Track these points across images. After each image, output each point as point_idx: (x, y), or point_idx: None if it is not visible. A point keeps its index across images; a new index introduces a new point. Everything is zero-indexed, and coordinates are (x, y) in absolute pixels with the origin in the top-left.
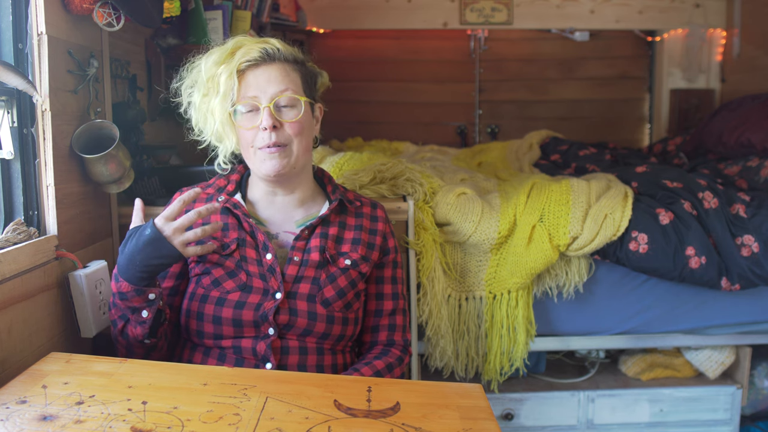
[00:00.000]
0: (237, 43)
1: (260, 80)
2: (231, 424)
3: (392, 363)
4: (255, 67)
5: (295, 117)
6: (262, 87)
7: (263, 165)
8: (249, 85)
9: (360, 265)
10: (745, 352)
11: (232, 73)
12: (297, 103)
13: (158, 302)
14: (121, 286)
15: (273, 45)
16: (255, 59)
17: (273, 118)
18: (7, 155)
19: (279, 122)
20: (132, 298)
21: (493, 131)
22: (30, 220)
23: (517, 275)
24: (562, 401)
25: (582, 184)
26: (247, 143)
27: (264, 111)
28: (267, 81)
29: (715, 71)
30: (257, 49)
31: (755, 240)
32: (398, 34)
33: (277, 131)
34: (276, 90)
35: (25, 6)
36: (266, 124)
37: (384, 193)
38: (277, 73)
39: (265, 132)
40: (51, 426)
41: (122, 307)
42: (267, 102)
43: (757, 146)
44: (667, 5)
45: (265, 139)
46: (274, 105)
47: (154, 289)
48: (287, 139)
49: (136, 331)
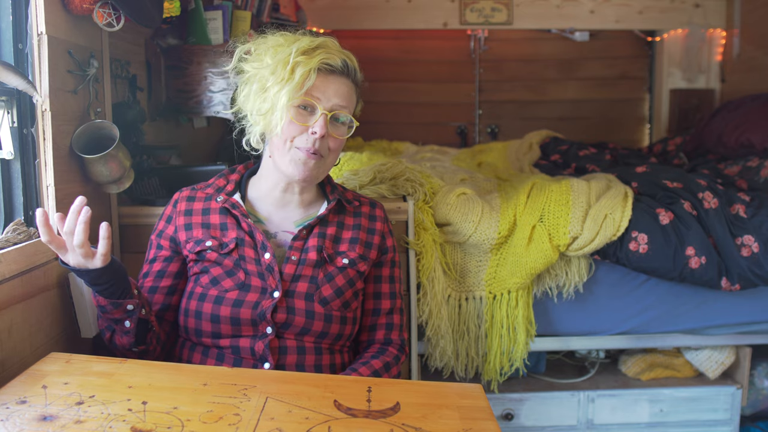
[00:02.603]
0: (322, 42)
1: (329, 87)
2: (231, 425)
3: (389, 362)
4: (330, 73)
5: (342, 135)
6: (328, 94)
7: (295, 166)
8: (317, 86)
9: (358, 263)
10: (745, 352)
11: (312, 69)
12: (351, 124)
13: (139, 311)
14: (98, 299)
15: (353, 62)
16: (334, 66)
17: (326, 127)
18: (7, 155)
19: (328, 133)
20: (111, 311)
21: (493, 131)
22: (30, 221)
23: (517, 275)
24: (562, 401)
25: (582, 184)
26: (288, 137)
27: (320, 117)
28: (335, 92)
29: (715, 71)
30: (340, 58)
31: (755, 240)
32: (398, 34)
33: (323, 140)
34: (338, 103)
35: (25, 6)
36: (319, 130)
37: (384, 193)
38: (345, 89)
39: (312, 136)
40: (51, 426)
41: (105, 319)
42: (326, 109)
43: (757, 146)
44: (667, 5)
45: (308, 142)
46: (331, 115)
47: (130, 300)
48: (326, 151)
49: (123, 341)
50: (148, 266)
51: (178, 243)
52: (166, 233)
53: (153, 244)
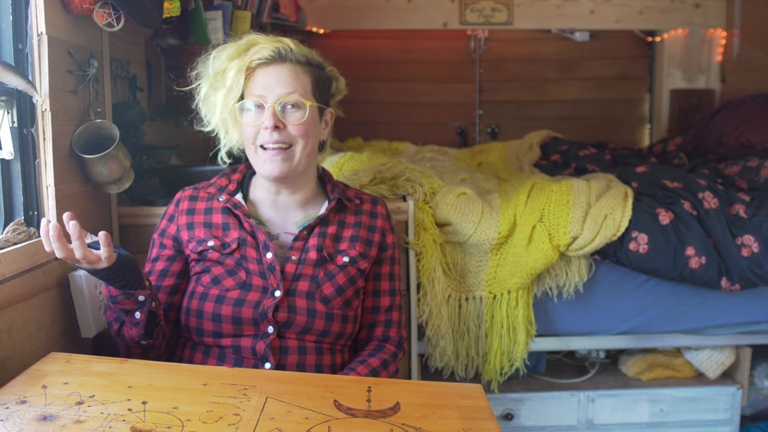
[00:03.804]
0: (251, 40)
1: (269, 80)
2: (231, 424)
3: (387, 360)
4: (266, 65)
5: (299, 120)
6: (270, 86)
7: (264, 166)
8: (257, 84)
9: (359, 261)
10: (745, 353)
11: (241, 69)
12: (303, 105)
13: (149, 303)
14: (110, 290)
15: (286, 45)
16: (266, 58)
17: (276, 118)
18: (7, 155)
19: (282, 123)
20: (122, 301)
21: (493, 131)
22: (30, 221)
23: (517, 275)
24: (562, 401)
25: (582, 184)
26: (249, 140)
27: (268, 110)
28: (276, 81)
29: (715, 71)
30: (270, 48)
31: (755, 240)
32: (398, 34)
33: (280, 131)
34: (283, 91)
35: (25, 6)
36: (268, 124)
37: (384, 193)
38: (287, 74)
39: (267, 131)
40: (51, 426)
41: (115, 310)
42: (272, 102)
43: (757, 146)
44: (667, 5)
45: (266, 137)
46: (279, 105)
47: (142, 291)
48: (290, 139)
49: (132, 333)
50: (150, 265)
51: (180, 242)
52: (168, 232)
53: (155, 243)
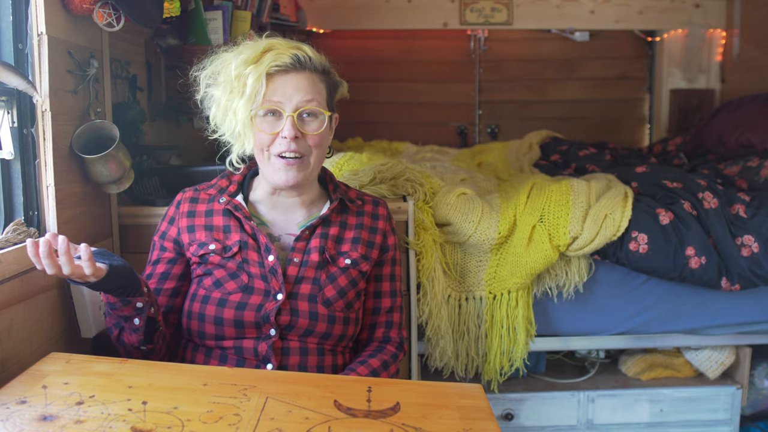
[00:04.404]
0: (269, 44)
1: (288, 87)
2: (231, 425)
3: (387, 360)
4: (284, 72)
5: (317, 129)
6: (288, 94)
7: (277, 174)
8: (275, 90)
9: (360, 263)
10: (745, 353)
11: (261, 76)
12: (321, 115)
13: (148, 309)
14: (108, 297)
15: (305, 52)
16: (285, 65)
17: (295, 128)
18: (7, 155)
19: (301, 133)
20: (120, 308)
21: (493, 131)
22: (30, 221)
23: (517, 275)
24: (562, 401)
25: (582, 184)
26: (263, 146)
27: (287, 120)
28: (294, 89)
29: (715, 71)
30: (289, 54)
31: (755, 240)
32: (398, 34)
33: (298, 141)
34: (302, 99)
35: (25, 6)
36: (288, 134)
37: (384, 193)
38: (305, 83)
39: (285, 140)
40: (51, 426)
41: (114, 316)
42: (291, 111)
43: (757, 146)
44: (667, 5)
45: (283, 146)
46: (297, 115)
47: (140, 298)
48: (306, 150)
49: (132, 338)
50: (151, 268)
51: (181, 245)
52: (169, 235)
53: (156, 246)
